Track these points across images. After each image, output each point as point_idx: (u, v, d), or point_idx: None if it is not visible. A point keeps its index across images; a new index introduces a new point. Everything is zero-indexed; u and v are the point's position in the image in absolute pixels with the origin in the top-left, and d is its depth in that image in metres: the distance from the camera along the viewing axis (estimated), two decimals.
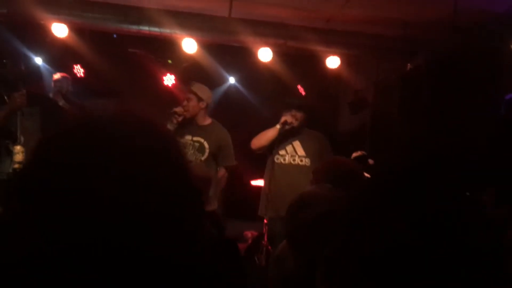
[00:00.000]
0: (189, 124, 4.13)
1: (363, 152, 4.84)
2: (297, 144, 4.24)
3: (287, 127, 4.14)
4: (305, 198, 1.67)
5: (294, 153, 4.23)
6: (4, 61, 3.79)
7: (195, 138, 4.10)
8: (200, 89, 4.17)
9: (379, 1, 4.34)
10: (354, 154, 4.79)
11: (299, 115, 4.18)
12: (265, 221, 5.11)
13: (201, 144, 4.09)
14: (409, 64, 5.05)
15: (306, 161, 4.21)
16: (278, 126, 4.15)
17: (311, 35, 4.90)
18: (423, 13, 4.42)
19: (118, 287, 0.59)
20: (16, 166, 3.43)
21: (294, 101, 4.33)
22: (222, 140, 4.17)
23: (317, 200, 1.60)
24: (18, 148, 3.48)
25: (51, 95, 4.99)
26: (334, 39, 4.99)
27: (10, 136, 3.51)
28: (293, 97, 4.55)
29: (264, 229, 5.10)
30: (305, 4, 4.71)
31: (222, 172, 4.17)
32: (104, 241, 0.59)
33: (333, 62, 5.26)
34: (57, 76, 5.12)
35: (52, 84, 5.08)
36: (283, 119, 4.14)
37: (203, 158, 4.07)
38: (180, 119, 4.06)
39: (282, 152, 4.23)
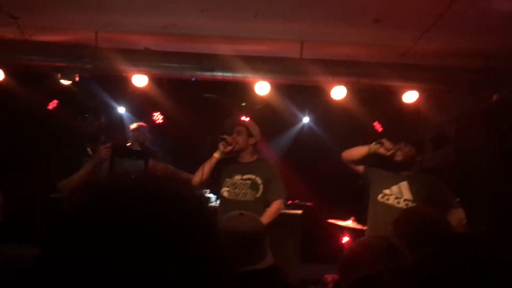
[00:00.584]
0: (234, 163, 4.09)
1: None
2: (404, 185, 3.84)
3: (381, 150, 3.77)
4: (358, 253, 1.56)
5: (400, 195, 3.82)
6: (86, 115, 4.02)
7: (245, 176, 4.03)
8: (252, 125, 4.16)
9: (457, 32, 4.15)
10: None
11: (406, 149, 3.81)
12: None
13: (253, 181, 4.02)
14: (495, 96, 4.74)
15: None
16: (373, 143, 3.82)
17: (385, 71, 4.78)
18: (506, 43, 4.16)
19: None
20: None
21: (407, 134, 3.94)
22: (271, 173, 4.09)
23: (371, 255, 1.49)
24: None
25: (129, 143, 5.23)
26: (410, 74, 4.83)
27: None
28: (409, 130, 4.15)
29: None
30: (377, 40, 4.62)
31: (275, 205, 4.00)
32: None
33: (410, 97, 5.07)
34: (134, 125, 5.38)
35: (130, 133, 5.34)
36: (383, 140, 3.79)
37: (258, 195, 3.99)
38: (228, 149, 4.00)
39: (387, 191, 3.87)
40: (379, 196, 3.86)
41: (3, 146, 5.75)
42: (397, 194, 3.84)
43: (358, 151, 3.90)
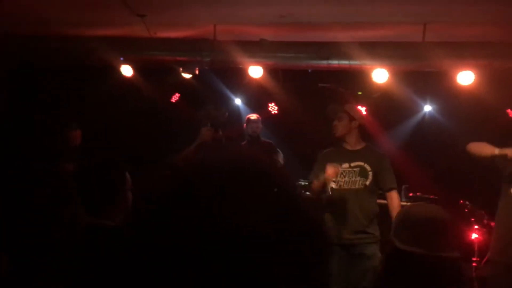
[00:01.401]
0: (341, 152, 3.97)
1: None
2: None
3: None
4: None
5: None
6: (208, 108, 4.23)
7: (353, 164, 3.90)
8: (353, 109, 4.02)
9: None
10: None
11: None
12: (474, 264, 4.55)
13: (362, 168, 3.88)
14: None
15: None
16: (496, 152, 3.41)
17: None
18: None
19: None
20: None
21: None
22: (382, 161, 3.94)
23: None
24: None
25: (248, 134, 5.34)
26: None
27: None
28: None
29: (474, 273, 4.54)
30: None
31: (396, 195, 3.91)
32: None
33: None
34: (253, 116, 5.46)
35: (245, 125, 5.45)
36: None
37: (367, 183, 3.86)
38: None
39: None
40: None
41: (131, 138, 6.18)
42: None
43: (482, 151, 3.53)
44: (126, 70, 5.35)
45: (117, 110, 6.08)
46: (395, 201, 3.88)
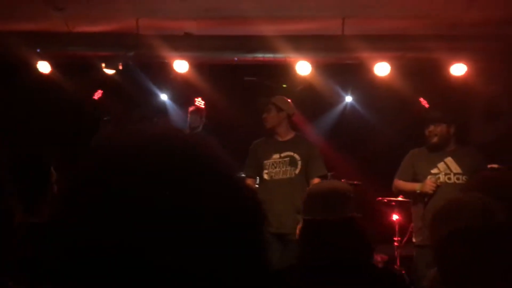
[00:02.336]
0: (272, 143, 4.07)
1: (499, 166, 4.36)
2: (449, 161, 3.82)
3: (426, 190, 3.74)
4: (452, 207, 1.52)
5: (449, 171, 3.80)
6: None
7: (283, 154, 4.00)
8: (280, 100, 4.12)
9: None
10: (489, 166, 4.34)
11: (439, 129, 3.82)
12: (395, 244, 4.85)
13: (292, 157, 3.99)
14: None
15: (464, 179, 3.75)
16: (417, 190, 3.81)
17: (433, 43, 4.61)
18: None
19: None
20: None
21: (429, 115, 3.97)
22: (311, 150, 4.06)
23: (466, 210, 1.44)
24: None
25: (187, 127, 5.21)
26: (461, 45, 4.64)
27: None
28: (430, 111, 4.16)
29: (396, 252, 4.83)
30: (424, 11, 4.46)
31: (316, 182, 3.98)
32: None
33: (458, 69, 4.88)
34: (192, 108, 5.37)
35: (188, 117, 5.33)
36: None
37: (297, 172, 3.97)
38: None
39: (434, 170, 3.82)
40: (428, 178, 3.79)
41: (51, 137, 5.90)
42: (445, 170, 3.78)
43: (406, 189, 4.05)
44: (44, 67, 5.09)
45: (37, 107, 5.78)
46: None
